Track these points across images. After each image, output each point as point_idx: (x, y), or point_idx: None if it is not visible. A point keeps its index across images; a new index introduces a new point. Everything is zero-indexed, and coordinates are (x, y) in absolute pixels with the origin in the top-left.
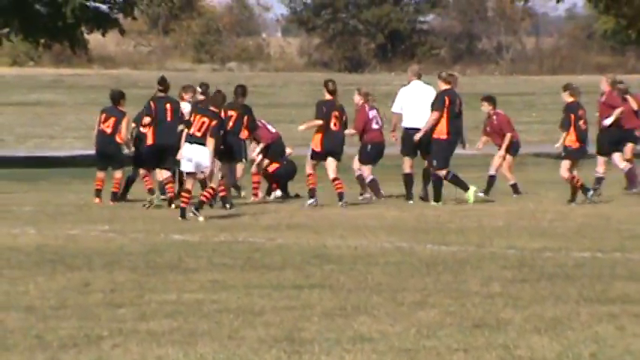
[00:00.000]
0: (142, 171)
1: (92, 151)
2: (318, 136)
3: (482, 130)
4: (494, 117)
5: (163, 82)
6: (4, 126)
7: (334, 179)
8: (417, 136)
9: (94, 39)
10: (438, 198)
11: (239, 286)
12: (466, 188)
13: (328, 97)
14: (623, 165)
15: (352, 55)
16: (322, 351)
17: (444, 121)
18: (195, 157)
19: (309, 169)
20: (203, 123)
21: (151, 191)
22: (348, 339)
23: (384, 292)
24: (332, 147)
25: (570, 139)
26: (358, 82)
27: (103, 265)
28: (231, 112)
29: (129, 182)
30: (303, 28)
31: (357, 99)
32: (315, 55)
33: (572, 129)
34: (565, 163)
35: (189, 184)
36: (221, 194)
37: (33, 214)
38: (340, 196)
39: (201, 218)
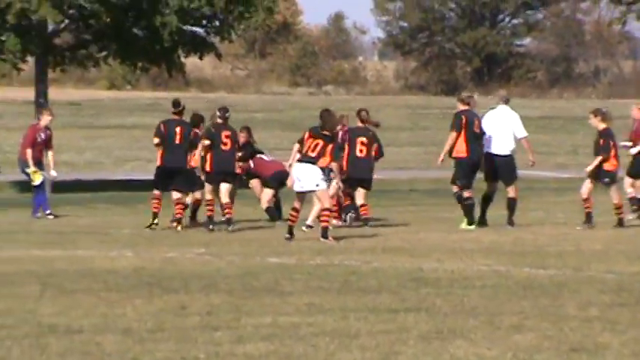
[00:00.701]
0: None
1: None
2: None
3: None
4: None
5: (176, 105)
6: (102, 149)
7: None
8: (439, 159)
9: (191, 62)
10: (471, 221)
11: (335, 309)
12: (470, 222)
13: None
14: (630, 190)
15: (448, 78)
16: None
17: (462, 141)
18: (303, 175)
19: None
20: (317, 144)
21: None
22: None
23: (480, 316)
24: (359, 174)
25: (612, 164)
26: (454, 106)
27: (199, 287)
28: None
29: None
30: (399, 51)
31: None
32: (412, 79)
33: (612, 154)
34: (615, 188)
35: (297, 203)
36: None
37: (130, 236)
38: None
39: (332, 242)
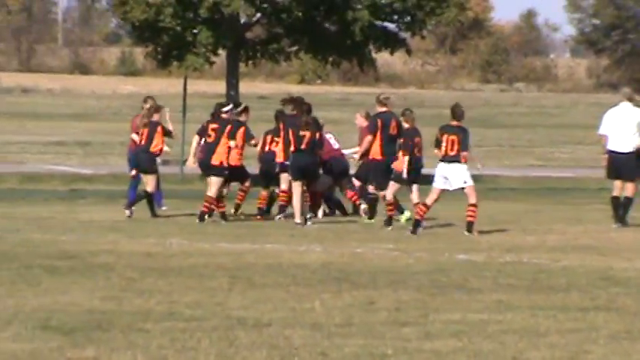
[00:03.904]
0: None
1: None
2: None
3: None
4: None
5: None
6: None
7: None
8: (357, 158)
9: (381, 57)
10: (371, 216)
11: (524, 307)
12: (401, 211)
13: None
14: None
15: None
16: None
17: (377, 144)
18: (450, 174)
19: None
20: (453, 141)
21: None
22: None
23: None
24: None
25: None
26: None
27: (387, 283)
28: (303, 132)
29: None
30: (591, 49)
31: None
32: (604, 77)
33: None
34: (393, 186)
35: (429, 199)
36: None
37: (319, 231)
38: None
39: (477, 236)
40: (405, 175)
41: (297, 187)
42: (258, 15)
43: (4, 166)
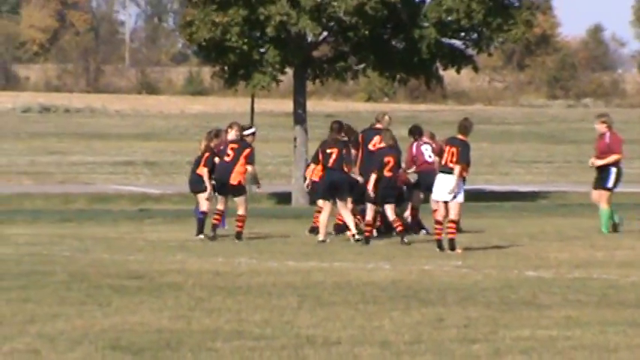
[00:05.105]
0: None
1: None
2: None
3: None
4: None
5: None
6: None
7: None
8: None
9: (449, 74)
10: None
11: (593, 322)
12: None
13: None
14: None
15: None
16: None
17: (359, 159)
18: (444, 185)
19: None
20: (453, 153)
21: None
22: None
23: None
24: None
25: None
26: None
27: (457, 300)
28: (330, 150)
29: None
30: None
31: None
32: None
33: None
34: (369, 207)
35: (438, 214)
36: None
37: (387, 248)
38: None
39: (460, 252)
40: (371, 194)
41: (326, 206)
42: (325, 33)
43: (73, 186)
